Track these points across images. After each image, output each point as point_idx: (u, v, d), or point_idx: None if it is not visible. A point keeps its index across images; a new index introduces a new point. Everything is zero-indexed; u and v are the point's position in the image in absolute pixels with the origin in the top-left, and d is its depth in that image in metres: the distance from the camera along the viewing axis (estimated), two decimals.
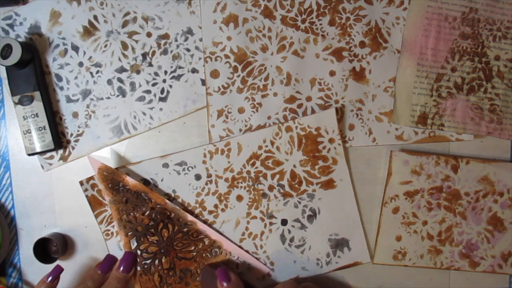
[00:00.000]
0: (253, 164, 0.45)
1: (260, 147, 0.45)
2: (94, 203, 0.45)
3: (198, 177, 0.45)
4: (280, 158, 0.45)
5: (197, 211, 0.45)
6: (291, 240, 0.45)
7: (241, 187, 0.45)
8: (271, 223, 0.45)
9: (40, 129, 0.44)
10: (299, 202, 0.45)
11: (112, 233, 0.46)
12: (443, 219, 0.45)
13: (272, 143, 0.45)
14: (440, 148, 0.46)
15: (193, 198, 0.45)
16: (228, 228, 0.45)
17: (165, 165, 0.45)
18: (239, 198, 0.45)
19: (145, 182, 0.45)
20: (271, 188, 0.45)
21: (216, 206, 0.45)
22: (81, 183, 0.45)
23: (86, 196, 0.45)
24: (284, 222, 0.45)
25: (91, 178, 0.45)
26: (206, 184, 0.45)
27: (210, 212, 0.45)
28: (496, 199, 0.45)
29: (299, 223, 0.45)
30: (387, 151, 0.45)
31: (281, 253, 0.46)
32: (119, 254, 0.45)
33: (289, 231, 0.45)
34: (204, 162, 0.45)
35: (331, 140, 0.45)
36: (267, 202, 0.45)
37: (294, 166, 0.45)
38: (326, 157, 0.45)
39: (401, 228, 0.45)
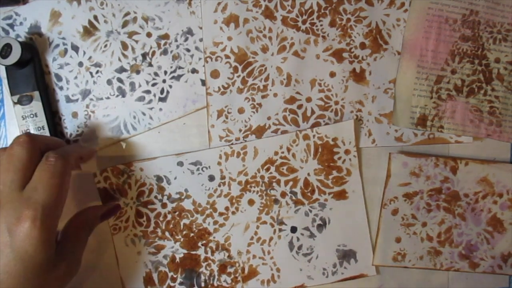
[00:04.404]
0: (267, 169, 0.45)
1: (276, 153, 0.45)
2: (105, 196, 0.45)
3: (211, 178, 0.45)
4: (295, 165, 0.45)
5: (207, 212, 0.45)
6: (299, 248, 0.45)
7: (253, 191, 0.45)
8: (280, 230, 0.45)
9: (39, 129, 0.44)
10: (310, 211, 0.45)
11: (120, 228, 0.45)
12: (443, 220, 0.45)
13: (289, 150, 0.45)
14: (440, 150, 0.46)
15: (205, 199, 0.45)
16: (237, 231, 0.45)
17: (180, 164, 0.45)
18: (251, 202, 0.45)
19: (159, 178, 0.45)
20: (283, 194, 0.45)
21: (227, 208, 0.45)
22: (95, 174, 0.45)
23: (98, 188, 0.45)
24: (293, 229, 0.45)
25: (105, 170, 0.45)
26: (219, 185, 0.45)
27: (221, 214, 0.45)
28: (495, 200, 0.45)
29: (308, 232, 0.45)
30: (387, 152, 0.46)
31: (288, 260, 0.45)
32: (125, 251, 0.45)
33: (298, 239, 0.45)
34: (219, 163, 0.45)
35: (347, 151, 0.45)
36: (278, 208, 0.45)
37: (308, 174, 0.45)
38: (341, 168, 0.45)
39: (401, 229, 0.45)
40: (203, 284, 0.45)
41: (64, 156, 0.36)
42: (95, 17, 0.45)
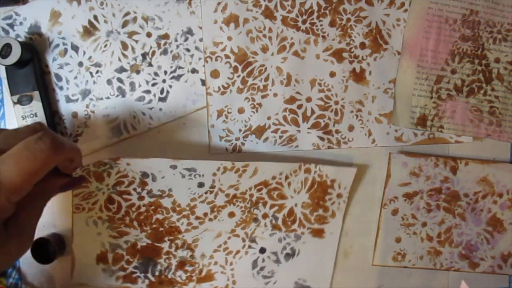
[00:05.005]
0: (259, 190, 0.45)
1: (273, 177, 0.45)
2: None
3: (201, 184, 0.45)
4: (287, 193, 0.45)
5: (184, 213, 0.45)
6: (261, 269, 0.46)
7: (238, 206, 0.45)
8: (250, 246, 0.46)
9: None
10: (284, 238, 0.46)
11: (83, 208, 0.44)
12: (443, 220, 0.45)
13: (286, 178, 0.45)
14: (440, 150, 0.46)
15: (186, 201, 0.45)
16: (208, 236, 0.45)
17: (173, 167, 0.44)
18: (231, 214, 0.45)
19: (144, 174, 0.44)
20: (265, 216, 0.45)
21: (205, 214, 0.45)
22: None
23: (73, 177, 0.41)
24: (262, 250, 0.46)
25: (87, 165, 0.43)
26: (206, 193, 0.45)
27: (197, 218, 0.45)
28: (495, 200, 0.45)
29: (275, 257, 0.46)
30: (387, 152, 0.46)
31: (247, 277, 0.46)
32: (83, 230, 0.44)
33: (263, 260, 0.46)
34: (214, 174, 0.44)
35: (339, 195, 0.45)
36: (256, 226, 0.45)
37: (296, 205, 0.45)
38: (328, 208, 0.45)
39: (401, 229, 0.45)
40: (157, 273, 0.45)
41: (58, 148, 0.32)
42: (95, 17, 0.45)
